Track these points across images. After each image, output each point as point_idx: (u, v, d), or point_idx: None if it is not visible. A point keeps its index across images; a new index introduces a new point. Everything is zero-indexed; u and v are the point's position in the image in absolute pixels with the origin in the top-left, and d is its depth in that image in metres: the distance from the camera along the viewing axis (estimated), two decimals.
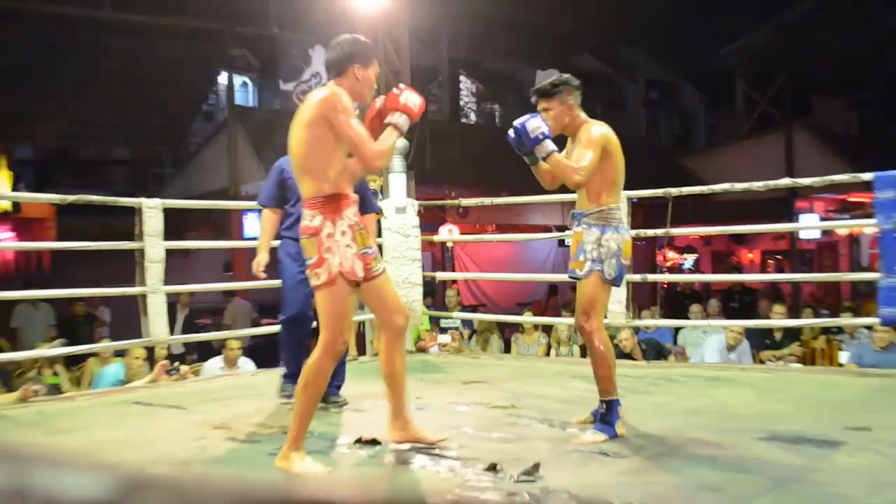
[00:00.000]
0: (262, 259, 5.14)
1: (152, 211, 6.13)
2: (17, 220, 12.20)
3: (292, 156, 3.63)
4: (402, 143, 7.76)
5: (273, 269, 5.26)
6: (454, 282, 11.71)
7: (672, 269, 19.57)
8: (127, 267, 6.18)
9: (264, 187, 5.33)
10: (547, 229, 15.22)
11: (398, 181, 7.64)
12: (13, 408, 5.11)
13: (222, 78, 16.92)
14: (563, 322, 8.71)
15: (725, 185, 6.77)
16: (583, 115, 4.22)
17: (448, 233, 14.21)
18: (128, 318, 6.29)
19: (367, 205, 5.23)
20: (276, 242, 5.28)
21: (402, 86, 3.77)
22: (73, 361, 8.23)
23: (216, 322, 12.91)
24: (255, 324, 11.24)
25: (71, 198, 6.25)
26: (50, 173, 19.74)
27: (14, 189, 13.42)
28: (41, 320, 10.76)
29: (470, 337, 9.82)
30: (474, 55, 19.11)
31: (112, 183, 20.50)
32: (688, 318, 9.59)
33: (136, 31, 14.66)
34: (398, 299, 3.83)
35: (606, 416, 4.05)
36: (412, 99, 3.71)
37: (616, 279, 4.14)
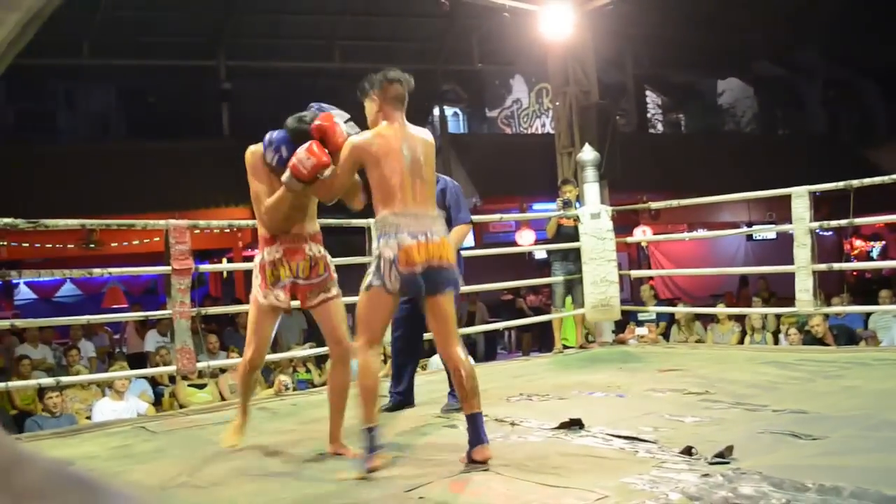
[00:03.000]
0: None
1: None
2: None
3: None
4: (593, 154, 7.62)
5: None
6: (650, 278, 11.39)
7: (860, 257, 18.28)
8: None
9: None
10: (735, 226, 14.60)
11: (593, 189, 7.48)
12: (272, 400, 5.37)
13: (437, 110, 17.32)
14: (755, 311, 8.42)
15: None
16: (388, 115, 3.61)
17: (642, 234, 13.89)
18: None
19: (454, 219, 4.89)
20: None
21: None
22: (321, 360, 8.59)
23: None
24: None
25: None
26: None
27: None
28: (296, 325, 11.30)
29: (668, 328, 9.51)
30: (657, 70, 18.61)
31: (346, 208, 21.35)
32: (877, 303, 8.87)
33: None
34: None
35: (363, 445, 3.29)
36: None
37: (400, 288, 3.33)
